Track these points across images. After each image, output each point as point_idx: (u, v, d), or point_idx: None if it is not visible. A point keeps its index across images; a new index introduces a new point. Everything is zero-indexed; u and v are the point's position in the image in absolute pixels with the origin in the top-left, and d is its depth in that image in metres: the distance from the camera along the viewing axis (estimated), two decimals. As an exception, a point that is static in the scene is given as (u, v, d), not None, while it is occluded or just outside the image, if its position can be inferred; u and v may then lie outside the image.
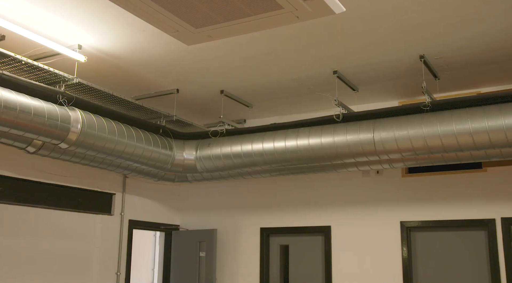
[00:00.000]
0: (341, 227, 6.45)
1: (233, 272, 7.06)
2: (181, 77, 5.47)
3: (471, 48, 4.70)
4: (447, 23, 4.21)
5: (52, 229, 5.82)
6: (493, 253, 5.55)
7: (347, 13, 3.88)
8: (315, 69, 5.23)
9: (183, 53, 4.82)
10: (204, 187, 7.54)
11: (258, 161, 5.57)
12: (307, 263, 6.67)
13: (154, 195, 7.30)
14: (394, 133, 4.86)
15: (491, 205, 5.65)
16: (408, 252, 5.99)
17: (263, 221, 7.00)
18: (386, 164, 5.43)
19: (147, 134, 5.57)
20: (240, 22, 3.02)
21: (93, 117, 4.90)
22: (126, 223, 6.76)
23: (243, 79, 5.53)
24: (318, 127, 5.30)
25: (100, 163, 5.53)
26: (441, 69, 5.17)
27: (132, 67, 5.18)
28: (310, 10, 2.77)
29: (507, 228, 5.53)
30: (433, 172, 5.98)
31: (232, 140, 5.76)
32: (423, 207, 6.01)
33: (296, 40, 4.54)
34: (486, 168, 5.74)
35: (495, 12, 4.02)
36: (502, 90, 5.49)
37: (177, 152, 5.94)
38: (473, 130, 4.53)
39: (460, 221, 5.79)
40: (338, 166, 5.64)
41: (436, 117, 4.74)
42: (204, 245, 7.15)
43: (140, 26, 4.23)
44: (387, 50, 4.76)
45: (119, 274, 6.54)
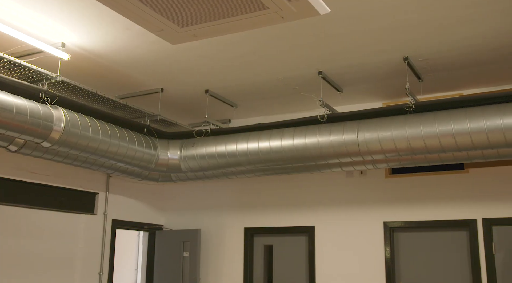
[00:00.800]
0: (325, 227, 6.48)
1: (217, 272, 7.05)
2: (166, 76, 5.45)
3: (454, 51, 4.75)
4: (431, 26, 4.25)
5: (34, 229, 5.76)
6: (474, 253, 5.62)
7: (332, 15, 3.89)
8: (300, 70, 5.24)
9: (168, 52, 4.80)
10: (188, 187, 7.52)
11: (243, 160, 5.57)
12: (291, 263, 6.69)
13: (138, 194, 7.26)
14: (378, 134, 4.90)
15: (472, 206, 5.72)
16: (391, 252, 6.03)
17: (247, 221, 7.00)
18: (369, 165, 5.46)
19: (131, 133, 5.54)
20: (225, 22, 3.01)
21: (76, 116, 4.85)
22: (109, 222, 6.72)
23: (228, 79, 5.52)
24: (302, 128, 5.32)
25: (83, 162, 5.48)
26: (424, 71, 5.22)
27: (117, 66, 5.15)
28: (295, 11, 2.77)
29: (488, 228, 5.60)
30: (416, 172, 6.03)
31: (217, 140, 5.75)
32: (406, 208, 6.05)
33: (281, 40, 4.55)
34: (468, 169, 5.80)
35: (478, 16, 4.07)
36: (484, 93, 5.56)
37: (161, 152, 5.92)
38: (456, 132, 4.58)
39: (442, 221, 5.85)
40: (322, 166, 5.66)
41: (419, 118, 4.78)
42: (188, 245, 7.13)
43: (125, 25, 4.20)
44: (372, 52, 4.78)
45: (102, 274, 6.49)
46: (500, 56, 4.87)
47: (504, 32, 4.35)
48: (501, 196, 5.60)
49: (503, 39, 4.50)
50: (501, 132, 4.42)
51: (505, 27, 4.26)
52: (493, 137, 4.48)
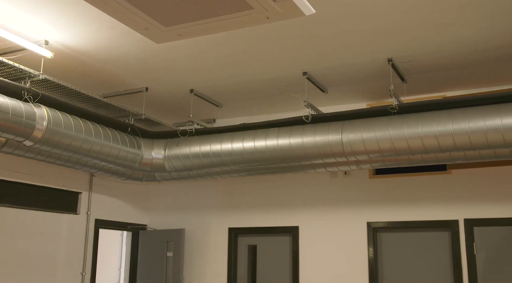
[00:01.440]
0: (309, 228, 6.50)
1: (200, 272, 7.04)
2: (151, 75, 5.42)
3: (438, 53, 4.79)
4: (415, 28, 4.29)
5: (16, 228, 5.69)
6: (456, 253, 5.68)
7: (317, 16, 3.91)
8: (285, 70, 5.25)
9: (152, 51, 4.78)
10: (173, 187, 7.49)
11: (227, 160, 5.57)
12: (274, 263, 6.70)
13: (122, 194, 7.21)
14: (362, 135, 4.92)
15: (454, 206, 5.78)
16: (374, 252, 6.07)
17: (231, 221, 7.00)
18: (353, 165, 5.49)
19: (115, 132, 5.51)
20: (210, 22, 3.01)
21: (59, 114, 4.81)
22: (92, 222, 6.66)
23: (213, 78, 5.51)
24: (287, 128, 5.33)
25: (66, 161, 5.44)
26: (408, 73, 5.26)
27: (101, 64, 5.11)
28: (280, 11, 2.78)
29: (469, 229, 5.66)
30: (399, 173, 6.08)
31: (201, 140, 5.74)
32: (389, 208, 6.10)
33: (266, 41, 4.55)
34: (451, 170, 5.87)
35: (461, 19, 4.11)
36: (466, 95, 5.62)
37: (145, 151, 5.89)
38: (438, 133, 4.63)
39: (425, 222, 5.91)
40: (306, 167, 5.68)
41: (402, 120, 4.82)
42: (171, 245, 7.11)
43: (109, 23, 4.17)
44: (356, 53, 4.81)
45: (85, 274, 6.44)
46: (482, 59, 4.93)
47: (487, 35, 4.41)
48: (483, 197, 5.67)
49: (485, 43, 4.55)
50: (483, 134, 4.48)
51: (488, 31, 4.32)
52: (475, 139, 4.53)
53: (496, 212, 5.58)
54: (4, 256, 5.52)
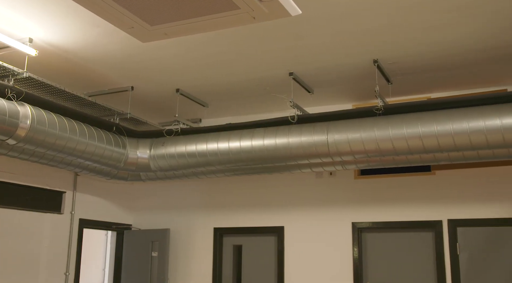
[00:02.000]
0: (294, 228, 6.51)
1: (185, 272, 7.02)
2: (136, 74, 5.39)
3: (423, 55, 4.83)
4: (401, 30, 4.32)
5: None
6: (439, 253, 5.73)
7: (304, 16, 3.92)
8: (271, 71, 5.25)
9: (138, 50, 4.75)
10: (158, 186, 7.46)
11: (213, 160, 5.56)
12: (260, 263, 6.70)
13: (106, 193, 7.17)
14: (347, 135, 4.95)
15: (438, 207, 5.83)
16: (359, 252, 6.10)
17: (217, 221, 6.98)
18: (339, 166, 5.52)
19: (100, 132, 5.47)
20: (196, 21, 3.00)
21: (43, 113, 4.76)
22: (76, 222, 6.61)
23: (200, 78, 5.50)
24: (273, 128, 5.34)
25: (50, 160, 5.39)
26: (393, 74, 5.29)
27: (86, 62, 5.07)
28: (267, 12, 2.78)
29: (453, 229, 5.72)
30: (384, 174, 6.12)
31: (187, 139, 5.72)
32: (374, 208, 6.14)
33: (253, 41, 4.55)
34: (435, 171, 5.92)
35: (446, 21, 4.15)
36: (451, 96, 5.67)
37: (130, 150, 5.86)
38: (423, 134, 4.67)
39: (409, 222, 5.95)
40: (292, 167, 5.69)
41: (388, 121, 4.85)
42: (156, 244, 7.08)
43: (95, 21, 4.14)
44: (342, 54, 4.83)
45: (68, 274, 6.39)
46: (467, 61, 4.98)
47: (471, 37, 4.45)
48: (466, 198, 5.73)
49: (470, 45, 4.60)
50: (466, 135, 4.52)
51: (472, 33, 4.36)
52: (459, 140, 4.57)
53: (478, 212, 5.65)
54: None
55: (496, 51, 4.74)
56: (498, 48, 4.67)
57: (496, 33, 4.36)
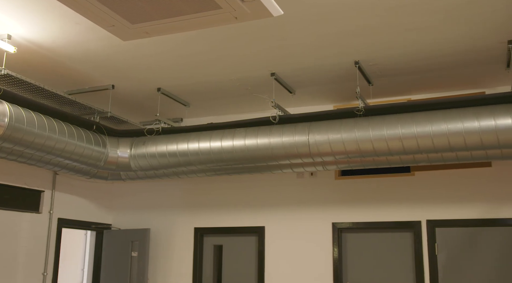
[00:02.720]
0: (275, 228, 6.52)
1: (166, 272, 6.98)
2: (117, 73, 5.35)
3: (404, 57, 4.87)
4: (382, 32, 4.35)
5: (-26, 227, 5.55)
6: (418, 253, 5.79)
7: (286, 17, 3.93)
8: (253, 71, 5.26)
9: (119, 48, 4.72)
10: (138, 186, 7.41)
11: (194, 160, 5.54)
12: (240, 263, 6.70)
13: (86, 193, 7.10)
14: (328, 136, 4.97)
15: (417, 208, 5.89)
16: (339, 253, 6.14)
17: (197, 221, 6.96)
18: (320, 166, 5.54)
19: (80, 130, 5.41)
20: (178, 20, 2.99)
21: (22, 111, 4.70)
22: (55, 221, 6.53)
23: (181, 77, 5.48)
24: (254, 128, 5.34)
25: (28, 158, 5.32)
26: (374, 76, 5.33)
27: (66, 60, 5.01)
28: (249, 12, 2.78)
29: (431, 229, 5.78)
30: (364, 175, 6.16)
31: (168, 139, 5.70)
32: (354, 209, 6.17)
33: (235, 41, 4.55)
34: (414, 172, 5.98)
35: (427, 24, 4.19)
36: (430, 98, 5.73)
37: (110, 149, 5.81)
38: (403, 135, 4.71)
39: (388, 222, 6.00)
40: (273, 167, 5.70)
41: (368, 122, 4.89)
42: (136, 244, 7.03)
43: (75, 19, 4.10)
44: (324, 55, 4.85)
45: (46, 274, 6.31)
46: (446, 64, 5.04)
47: (451, 40, 4.51)
48: (444, 199, 5.80)
49: (449, 47, 4.65)
50: (445, 137, 4.58)
51: (452, 36, 4.41)
52: (438, 142, 4.63)
53: (457, 213, 5.72)
54: (-39, 256, 5.37)
55: (475, 54, 4.81)
56: (477, 51, 4.74)
57: (475, 36, 4.42)
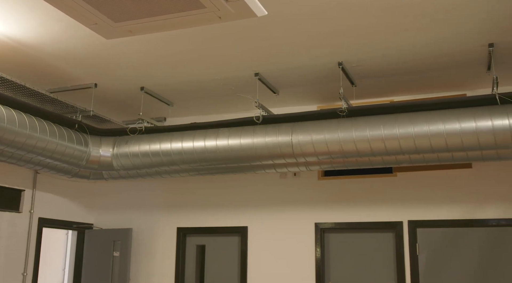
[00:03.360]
0: (258, 228, 6.53)
1: (148, 272, 6.94)
2: (100, 71, 5.31)
3: (386, 58, 4.91)
4: (365, 33, 4.38)
5: (-47, 227, 5.46)
6: (400, 253, 5.84)
7: (270, 17, 3.94)
8: (237, 71, 5.25)
9: (102, 47, 4.68)
10: (120, 185, 7.36)
11: (177, 160, 5.52)
12: (223, 263, 6.69)
13: (67, 192, 7.03)
14: (312, 136, 4.99)
15: (399, 208, 5.94)
16: (321, 253, 6.16)
17: (180, 220, 6.94)
18: (303, 167, 5.55)
19: (61, 129, 5.36)
20: (161, 19, 2.97)
21: (2, 109, 4.63)
22: (36, 221, 6.46)
23: (165, 76, 5.45)
24: (238, 128, 5.34)
25: (8, 157, 5.24)
26: (358, 77, 5.37)
27: (48, 58, 4.96)
28: (233, 12, 2.78)
29: (413, 230, 5.84)
30: (347, 175, 6.20)
31: (151, 138, 5.67)
32: (337, 209, 6.20)
33: (219, 40, 4.54)
34: (396, 173, 6.03)
35: (410, 26, 4.23)
36: (412, 100, 5.78)
37: (93, 148, 5.76)
38: (385, 136, 4.75)
39: (370, 223, 6.04)
40: (256, 167, 5.70)
41: (351, 122, 4.92)
42: (118, 244, 6.98)
43: (57, 16, 4.06)
44: (308, 56, 4.87)
45: (26, 274, 6.23)
46: (428, 66, 5.09)
47: (433, 43, 4.55)
48: (426, 199, 5.85)
49: (431, 50, 4.70)
50: (427, 138, 4.62)
51: (434, 38, 4.46)
52: (419, 143, 4.67)
53: (437, 214, 5.78)
54: None
55: (456, 57, 4.86)
56: (458, 54, 4.79)
57: (456, 39, 4.47)
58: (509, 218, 5.52)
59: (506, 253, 5.51)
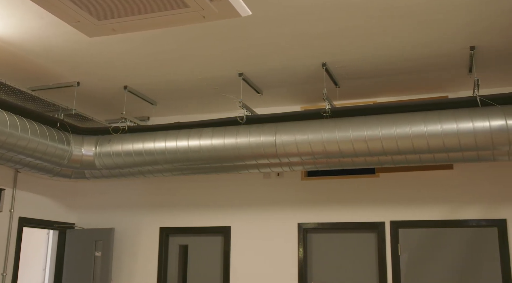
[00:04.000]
0: (241, 228, 6.53)
1: (130, 272, 6.90)
2: (83, 69, 5.26)
3: (370, 60, 4.95)
4: (349, 35, 4.41)
5: None
6: (382, 253, 5.88)
7: (254, 17, 3.94)
8: (221, 71, 5.25)
9: (85, 45, 4.64)
10: (103, 185, 7.31)
11: (160, 159, 5.50)
12: (206, 263, 6.68)
13: (49, 191, 6.95)
14: (295, 137, 5.00)
15: (381, 209, 5.99)
16: (304, 253, 6.18)
17: (163, 220, 6.91)
18: (286, 167, 5.56)
19: (43, 127, 5.30)
20: (145, 18, 2.96)
21: (-18, 106, 4.58)
22: (16, 220, 6.37)
23: (148, 75, 5.42)
24: (221, 128, 5.33)
25: (-12, 155, 5.18)
26: (341, 78, 5.39)
27: (29, 55, 4.90)
28: (217, 11, 2.78)
29: (395, 230, 5.88)
30: (330, 176, 6.22)
31: (134, 137, 5.63)
32: (319, 209, 6.23)
33: (203, 40, 4.53)
34: (379, 174, 6.07)
35: (393, 28, 4.26)
36: (395, 101, 5.82)
37: (75, 147, 5.71)
38: (368, 137, 4.78)
39: (353, 223, 6.07)
40: (240, 167, 5.69)
41: (335, 123, 4.94)
42: (100, 244, 6.92)
43: (39, 13, 4.01)
44: (292, 56, 4.88)
45: (5, 274, 6.15)
46: (411, 68, 5.14)
47: (416, 45, 4.60)
48: (408, 200, 5.91)
49: (414, 52, 4.74)
50: (409, 139, 4.66)
51: (417, 40, 4.50)
52: (402, 144, 4.71)
53: (419, 214, 5.84)
54: None
55: (438, 59, 4.92)
56: (440, 56, 4.85)
57: (439, 42, 4.52)
58: (489, 219, 5.60)
59: (486, 253, 5.58)
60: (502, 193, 5.61)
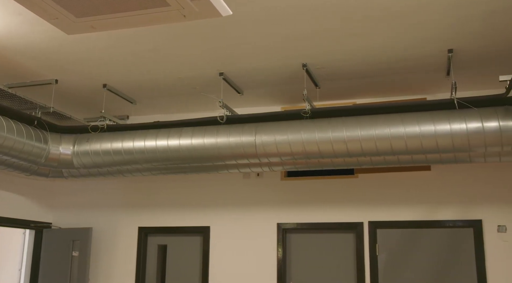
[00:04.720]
0: (220, 228, 6.52)
1: (108, 272, 6.84)
2: (61, 67, 5.20)
3: (349, 61, 4.98)
4: (329, 36, 4.43)
5: None
6: (360, 254, 5.93)
7: (235, 17, 3.94)
8: (202, 70, 5.23)
9: (64, 42, 4.58)
10: (81, 184, 7.23)
11: (139, 158, 5.46)
12: (185, 263, 6.65)
13: (25, 190, 6.85)
14: (275, 137, 5.01)
15: (360, 209, 6.03)
16: (283, 253, 6.19)
17: (142, 220, 6.86)
18: (266, 167, 5.57)
19: (20, 125, 5.22)
20: (125, 16, 2.93)
21: (-43, 103, 4.49)
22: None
23: (128, 74, 5.38)
24: (201, 128, 5.32)
25: (-37, 153, 5.09)
26: (321, 79, 5.42)
27: (6, 52, 4.82)
28: (197, 10, 2.77)
29: (373, 231, 5.94)
30: (309, 176, 6.25)
31: (113, 136, 5.58)
32: (299, 210, 6.25)
33: (183, 39, 4.51)
34: (358, 174, 6.11)
35: (373, 30, 4.30)
36: (374, 103, 5.88)
37: (52, 146, 5.64)
38: (347, 138, 4.81)
39: (331, 223, 6.11)
40: (219, 167, 5.69)
41: (314, 124, 4.96)
42: (77, 244, 6.85)
43: (16, 9, 3.95)
44: (272, 57, 4.89)
45: (-20, 274, 6.06)
46: (390, 69, 5.18)
47: (395, 47, 4.64)
48: (386, 201, 5.96)
49: (393, 54, 4.79)
50: (388, 141, 4.71)
51: (396, 43, 4.54)
52: (380, 145, 4.75)
53: (397, 215, 5.90)
54: None
55: (417, 62, 4.97)
56: (419, 59, 4.90)
57: (417, 44, 4.57)
58: (466, 220, 5.68)
59: (462, 253, 5.66)
60: (478, 194, 5.70)
